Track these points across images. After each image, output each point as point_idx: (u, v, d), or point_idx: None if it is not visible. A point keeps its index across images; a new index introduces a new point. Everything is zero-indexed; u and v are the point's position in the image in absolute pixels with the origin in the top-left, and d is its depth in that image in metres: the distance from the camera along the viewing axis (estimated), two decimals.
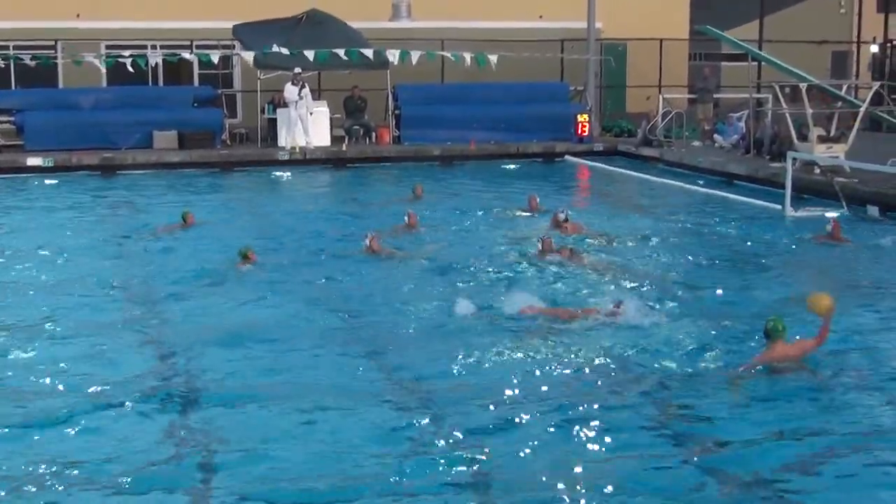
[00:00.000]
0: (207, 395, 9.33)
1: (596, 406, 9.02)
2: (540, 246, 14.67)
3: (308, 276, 14.01)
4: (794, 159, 19.65)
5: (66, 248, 15.99)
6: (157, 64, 29.11)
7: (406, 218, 17.10)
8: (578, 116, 28.70)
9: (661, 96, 28.79)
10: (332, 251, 15.52)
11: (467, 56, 27.82)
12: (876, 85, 24.09)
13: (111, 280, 13.91)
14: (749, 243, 16.37)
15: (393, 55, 27.41)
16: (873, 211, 18.41)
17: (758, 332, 11.00)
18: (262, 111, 28.06)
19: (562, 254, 14.40)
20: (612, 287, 13.07)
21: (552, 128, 28.82)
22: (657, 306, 12.04)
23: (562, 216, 16.50)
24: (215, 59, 27.88)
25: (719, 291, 13.03)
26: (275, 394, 9.30)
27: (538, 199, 18.74)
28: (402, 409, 9.05)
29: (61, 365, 10.21)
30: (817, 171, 20.80)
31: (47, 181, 23.84)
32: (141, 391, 9.43)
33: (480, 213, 18.96)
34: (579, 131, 28.58)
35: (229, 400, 9.18)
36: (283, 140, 26.97)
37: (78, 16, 29.76)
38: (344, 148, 27.38)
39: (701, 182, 23.16)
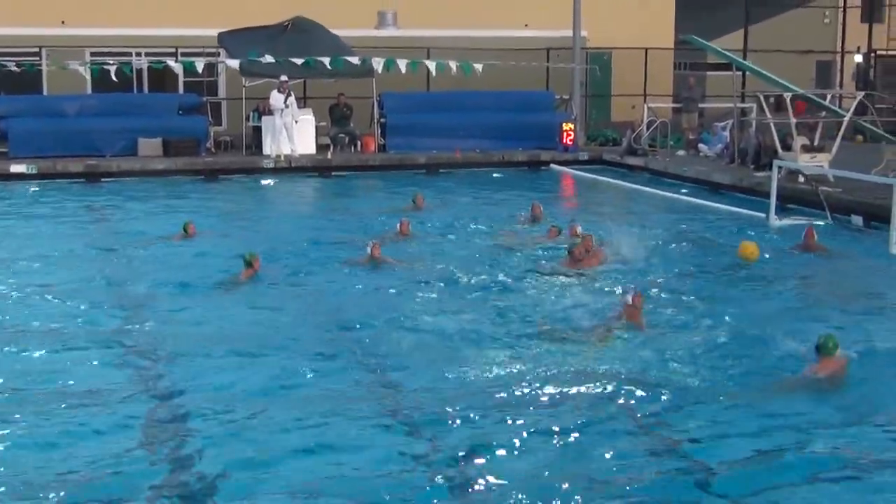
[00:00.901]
0: (203, 405, 9.33)
1: (600, 420, 9.09)
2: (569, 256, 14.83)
3: (311, 287, 14.01)
4: (780, 168, 19.69)
5: (53, 257, 15.91)
6: (141, 71, 29.08)
7: (398, 225, 17.10)
8: (563, 125, 28.70)
9: (645, 105, 28.85)
10: (333, 261, 15.46)
11: (453, 64, 27.81)
12: (860, 95, 24.17)
13: (103, 290, 13.91)
14: (733, 252, 16.39)
15: (378, 63, 27.39)
16: (857, 220, 18.47)
17: (738, 340, 11.12)
18: (248, 119, 27.99)
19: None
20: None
21: (537, 136, 28.83)
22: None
23: (580, 229, 16.64)
24: (200, 66, 27.78)
25: (703, 301, 13.09)
26: (274, 405, 9.30)
27: (541, 208, 18.74)
28: (401, 422, 9.07)
29: (51, 374, 10.20)
30: (801, 180, 20.86)
31: (31, 188, 23.72)
32: (134, 402, 9.47)
33: (481, 221, 18.95)
34: (564, 140, 28.59)
35: (228, 410, 9.19)
36: (268, 148, 26.92)
37: (63, 22, 29.68)
38: (329, 156, 27.34)
39: (685, 191, 23.22)
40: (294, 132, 26.73)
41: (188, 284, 13.99)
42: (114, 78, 26.61)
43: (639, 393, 9.67)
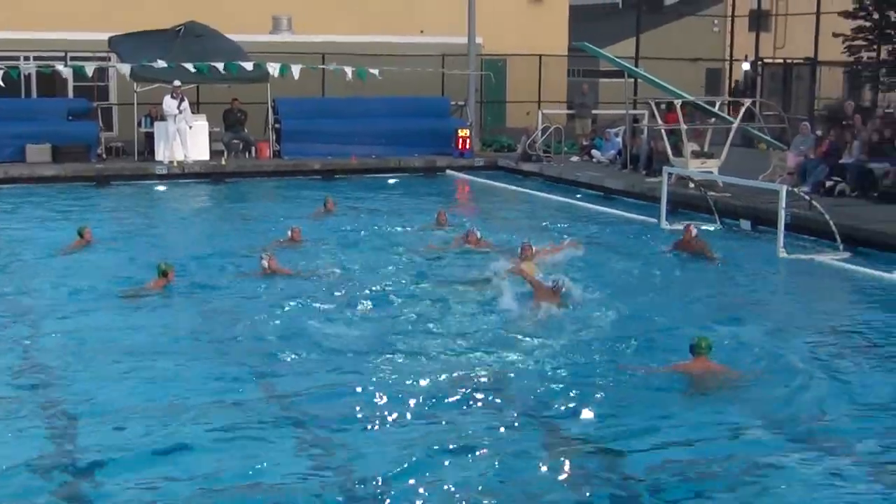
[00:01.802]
0: (99, 416, 9.21)
1: (485, 418, 9.25)
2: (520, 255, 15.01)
3: (208, 297, 13.71)
4: (670, 174, 20.03)
5: None
6: (30, 76, 28.49)
7: (289, 232, 16.99)
8: (459, 131, 28.83)
9: (540, 112, 29.10)
10: (230, 271, 15.22)
11: (348, 70, 27.75)
12: (747, 102, 24.67)
13: None
14: (625, 256, 16.63)
15: (273, 68, 27.21)
16: (745, 224, 18.85)
17: (629, 339, 11.32)
18: (139, 124, 27.60)
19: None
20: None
21: (433, 142, 28.90)
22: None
23: (478, 234, 16.72)
24: (90, 71, 27.36)
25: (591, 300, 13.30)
26: (172, 418, 9.18)
27: (447, 214, 18.78)
28: (302, 433, 9.01)
29: None
30: (692, 185, 21.23)
31: None
32: (29, 415, 9.31)
33: (386, 227, 18.90)
34: (460, 146, 28.72)
35: (124, 421, 9.06)
36: (161, 154, 26.53)
37: None
38: (223, 162, 27.07)
39: (579, 196, 23.49)
40: (187, 138, 26.40)
41: (86, 294, 13.71)
42: (0, 83, 26.00)
43: (532, 395, 9.86)
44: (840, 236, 16.65)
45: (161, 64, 26.34)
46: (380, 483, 7.90)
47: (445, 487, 7.82)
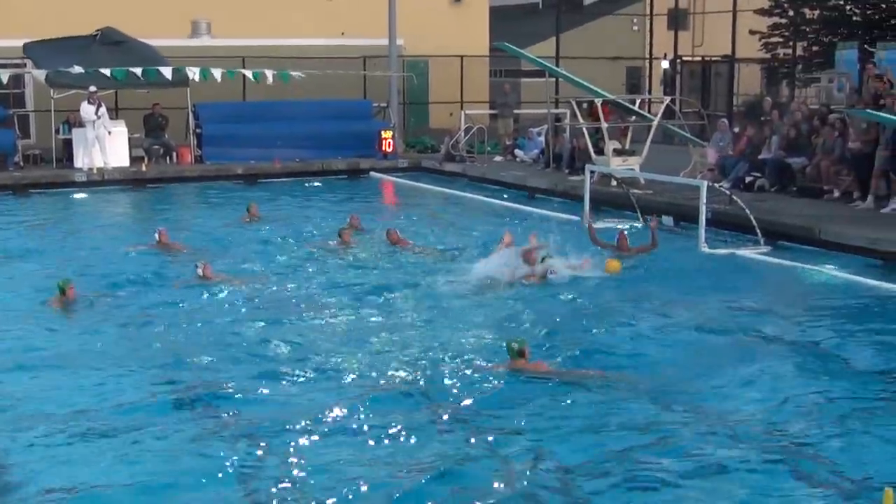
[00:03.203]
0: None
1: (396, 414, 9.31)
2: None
3: (131, 309, 13.34)
4: (592, 172, 20.15)
5: None
6: None
7: (156, 235, 16.91)
8: (382, 133, 28.80)
9: (463, 112, 29.17)
10: (154, 279, 14.93)
11: (269, 73, 27.56)
12: (667, 99, 24.93)
13: None
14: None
15: (193, 73, 26.93)
16: (668, 221, 19.01)
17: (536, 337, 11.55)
18: (57, 131, 27.17)
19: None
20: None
21: (356, 145, 28.80)
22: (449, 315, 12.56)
23: (398, 232, 16.82)
24: (5, 78, 26.89)
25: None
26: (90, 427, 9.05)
27: (359, 218, 18.75)
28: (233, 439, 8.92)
29: None
30: (614, 183, 21.39)
31: None
32: None
33: (311, 231, 18.82)
34: (383, 148, 28.68)
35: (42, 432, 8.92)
36: (80, 161, 26.16)
37: None
38: (144, 168, 26.76)
39: (504, 196, 23.56)
40: (106, 144, 26.05)
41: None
42: None
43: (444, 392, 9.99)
44: (760, 230, 16.89)
45: (77, 70, 25.97)
46: (313, 487, 7.90)
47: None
